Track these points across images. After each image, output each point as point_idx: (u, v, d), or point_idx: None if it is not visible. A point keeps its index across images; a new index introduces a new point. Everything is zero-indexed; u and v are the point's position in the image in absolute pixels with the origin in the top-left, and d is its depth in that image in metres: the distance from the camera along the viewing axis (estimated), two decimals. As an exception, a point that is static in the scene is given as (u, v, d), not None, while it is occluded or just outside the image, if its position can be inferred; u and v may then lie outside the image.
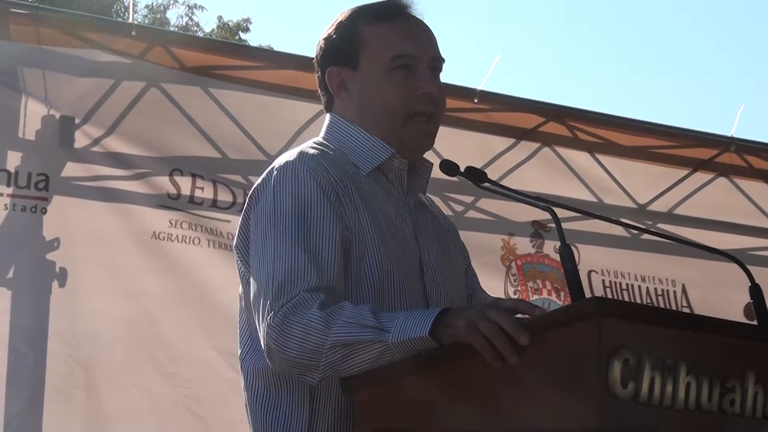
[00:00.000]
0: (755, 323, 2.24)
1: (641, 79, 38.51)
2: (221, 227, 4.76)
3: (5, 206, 4.40)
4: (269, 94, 4.91)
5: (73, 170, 4.56)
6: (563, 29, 38.16)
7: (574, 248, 5.01)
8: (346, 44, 2.32)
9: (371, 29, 2.31)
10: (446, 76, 2.37)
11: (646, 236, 5.68)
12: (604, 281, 5.66)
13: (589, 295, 3.25)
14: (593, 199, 5.66)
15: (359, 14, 2.34)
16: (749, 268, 2.30)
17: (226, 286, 4.29)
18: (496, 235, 5.48)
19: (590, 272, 5.59)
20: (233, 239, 2.31)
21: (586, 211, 2.69)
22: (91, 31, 4.60)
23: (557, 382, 1.81)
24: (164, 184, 4.70)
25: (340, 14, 2.37)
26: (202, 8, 21.39)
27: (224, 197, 4.80)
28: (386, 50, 2.29)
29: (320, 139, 2.34)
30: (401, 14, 2.34)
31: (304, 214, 2.14)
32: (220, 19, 21.29)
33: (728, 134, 5.73)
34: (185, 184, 4.74)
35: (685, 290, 5.84)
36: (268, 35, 38.80)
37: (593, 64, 37.77)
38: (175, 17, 21.48)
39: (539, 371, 1.84)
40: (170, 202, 4.70)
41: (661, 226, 5.74)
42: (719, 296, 5.61)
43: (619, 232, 5.58)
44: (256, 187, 2.25)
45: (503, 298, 4.73)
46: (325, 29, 2.38)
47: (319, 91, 2.40)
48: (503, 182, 3.02)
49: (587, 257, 5.48)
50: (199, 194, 4.75)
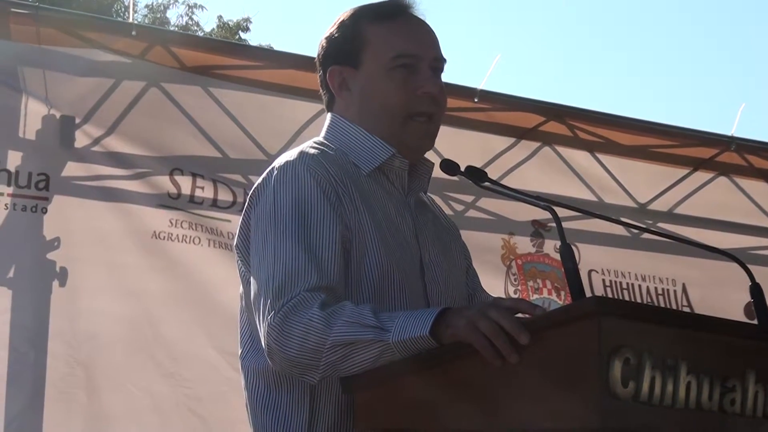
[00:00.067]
0: (755, 322, 2.24)
1: (641, 78, 38.54)
2: (221, 227, 4.75)
3: (6, 206, 4.40)
4: (269, 93, 4.91)
5: (73, 170, 4.56)
6: (563, 29, 38.19)
7: (574, 247, 4.98)
8: (347, 43, 2.32)
9: (373, 28, 2.31)
10: (446, 75, 2.37)
11: (646, 235, 5.68)
12: (604, 280, 5.66)
13: (589, 294, 3.26)
14: (593, 198, 5.65)
15: (361, 14, 2.34)
16: (750, 267, 2.30)
17: (226, 285, 4.28)
18: (496, 234, 5.48)
19: (590, 271, 5.59)
20: (233, 239, 2.31)
21: (586, 210, 2.69)
22: (91, 30, 4.60)
23: (557, 381, 1.81)
24: (164, 183, 4.70)
25: (342, 14, 2.37)
26: (202, 8, 21.44)
27: (224, 197, 4.79)
28: (388, 49, 2.29)
29: (321, 138, 2.34)
30: (403, 14, 2.34)
31: (304, 213, 2.14)
32: (220, 18, 21.33)
33: (728, 133, 5.73)
34: (185, 183, 4.74)
35: (685, 289, 5.84)
36: (268, 35, 38.81)
37: (593, 63, 37.80)
38: (175, 17, 21.53)
39: (539, 371, 1.84)
40: (170, 201, 4.70)
41: (661, 225, 5.73)
42: (720, 295, 5.61)
43: (619, 231, 5.58)
44: (256, 186, 2.25)
45: (504, 297, 4.73)
46: (325, 29, 2.38)
47: (320, 90, 2.40)
48: (503, 181, 3.01)
49: (587, 256, 5.48)
50: (199, 194, 4.75)
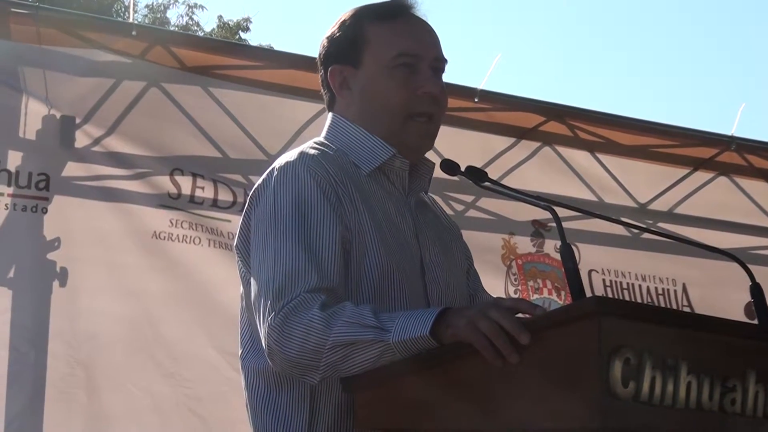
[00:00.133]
0: (756, 322, 2.24)
1: (641, 78, 38.55)
2: (222, 227, 4.75)
3: (6, 206, 4.40)
4: (269, 93, 4.91)
5: (73, 170, 4.56)
6: (563, 29, 38.20)
7: (574, 247, 4.99)
8: (348, 42, 2.32)
9: (374, 28, 2.32)
10: (447, 75, 2.37)
11: (646, 235, 5.68)
12: (604, 280, 5.66)
13: (589, 294, 3.26)
14: (594, 198, 5.65)
15: (362, 13, 2.35)
16: (750, 267, 2.30)
17: (226, 285, 4.28)
18: (496, 234, 5.48)
19: (591, 271, 5.59)
20: (234, 239, 2.30)
21: (586, 210, 2.69)
22: (91, 30, 4.59)
23: (558, 381, 1.81)
24: (165, 183, 4.70)
25: (343, 13, 2.37)
26: (202, 8, 21.46)
27: (225, 197, 4.79)
28: (388, 49, 2.29)
29: (321, 138, 2.34)
30: (405, 14, 2.34)
31: (304, 214, 2.14)
32: (220, 18, 21.35)
33: (729, 133, 5.73)
34: (186, 183, 4.73)
35: (685, 289, 5.84)
36: (268, 35, 38.81)
37: (593, 63, 37.81)
38: (175, 17, 21.55)
39: (540, 371, 1.84)
40: (171, 201, 4.69)
41: (661, 225, 5.73)
42: (720, 295, 5.61)
43: (619, 231, 5.58)
44: (256, 187, 2.25)
45: (504, 297, 4.73)
46: (325, 29, 2.38)
47: (321, 89, 2.40)
48: (504, 181, 3.01)
49: (588, 256, 5.48)
50: (199, 194, 4.75)
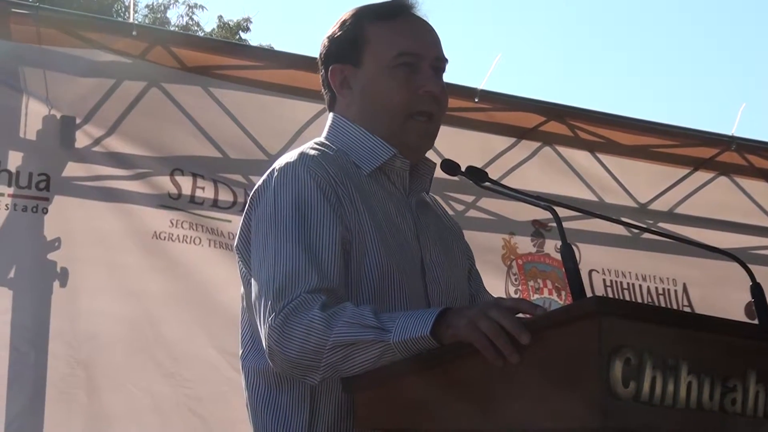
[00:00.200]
0: (756, 322, 2.24)
1: (642, 78, 38.54)
2: (222, 227, 4.75)
3: (6, 206, 4.40)
4: (270, 93, 4.91)
5: (74, 170, 4.55)
6: (564, 29, 38.20)
7: (574, 247, 4.99)
8: (349, 42, 2.32)
9: (375, 27, 2.32)
10: (447, 75, 2.37)
11: (646, 235, 5.68)
12: (605, 280, 5.66)
13: (590, 294, 3.26)
14: (594, 198, 5.65)
15: (363, 13, 2.35)
16: (750, 267, 2.30)
17: (226, 285, 4.28)
18: (496, 234, 5.47)
19: (591, 271, 5.59)
20: (234, 239, 2.30)
21: (587, 210, 2.69)
22: (91, 30, 4.59)
23: (558, 381, 1.81)
24: (165, 183, 4.70)
25: (344, 13, 2.37)
26: (202, 8, 21.46)
27: (225, 197, 4.79)
28: (389, 48, 2.29)
29: (322, 139, 2.34)
30: (405, 13, 2.34)
31: (304, 215, 2.14)
32: (220, 18, 21.36)
33: (729, 133, 5.73)
34: (186, 183, 4.73)
35: (686, 289, 5.84)
36: (268, 35, 38.81)
37: (594, 63, 37.81)
38: (175, 17, 21.56)
39: (540, 371, 1.84)
40: (171, 201, 4.69)
41: (661, 225, 5.73)
42: (720, 295, 5.61)
43: (619, 231, 5.58)
44: (257, 188, 2.25)
45: (504, 297, 4.73)
46: (326, 29, 2.39)
47: (322, 89, 2.40)
48: (504, 181, 3.01)
49: (588, 256, 5.48)
50: (199, 194, 4.75)
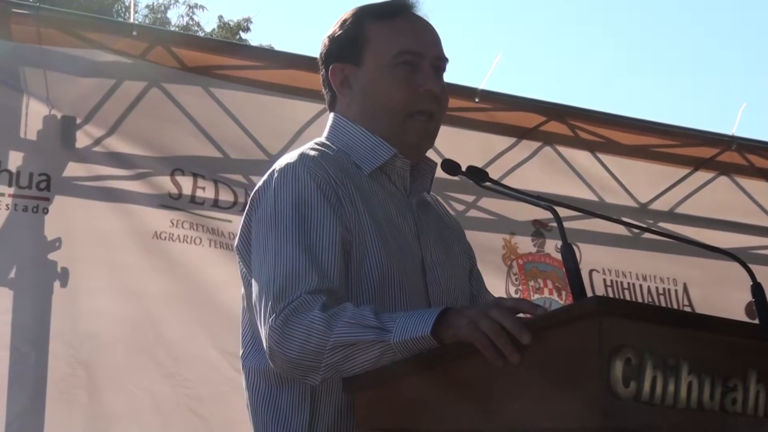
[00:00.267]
0: (757, 322, 2.24)
1: (642, 78, 38.54)
2: (222, 227, 4.75)
3: (7, 206, 4.40)
4: (270, 93, 4.91)
5: (74, 170, 4.55)
6: (564, 28, 38.20)
7: (575, 247, 5.01)
8: (349, 41, 2.32)
9: (375, 26, 2.32)
10: (447, 75, 2.36)
11: (647, 235, 5.68)
12: (605, 280, 5.66)
13: (590, 294, 3.25)
14: (594, 198, 5.65)
15: (364, 12, 2.35)
16: (751, 266, 2.30)
17: (227, 285, 4.28)
18: (497, 234, 5.47)
19: (591, 271, 5.59)
20: (234, 239, 2.30)
21: (587, 210, 2.69)
22: (92, 31, 4.60)
23: (558, 381, 1.81)
24: (165, 183, 4.70)
25: (344, 13, 2.38)
26: (202, 8, 21.45)
27: (225, 197, 4.79)
28: (390, 47, 2.29)
29: (322, 139, 2.35)
30: (406, 12, 2.34)
31: (304, 216, 2.14)
32: (220, 18, 21.35)
33: (729, 133, 5.73)
34: (186, 183, 4.73)
35: (686, 289, 5.84)
36: (268, 35, 38.78)
37: (594, 63, 37.82)
38: (175, 17, 21.55)
39: (540, 370, 1.83)
40: (171, 201, 4.69)
41: (662, 225, 5.73)
42: (721, 295, 5.60)
43: (620, 231, 5.58)
44: (257, 189, 2.25)
45: (505, 297, 4.73)
46: (326, 29, 2.39)
47: (323, 89, 2.40)
48: (504, 181, 3.01)
49: (588, 256, 5.48)
50: (200, 194, 4.75)
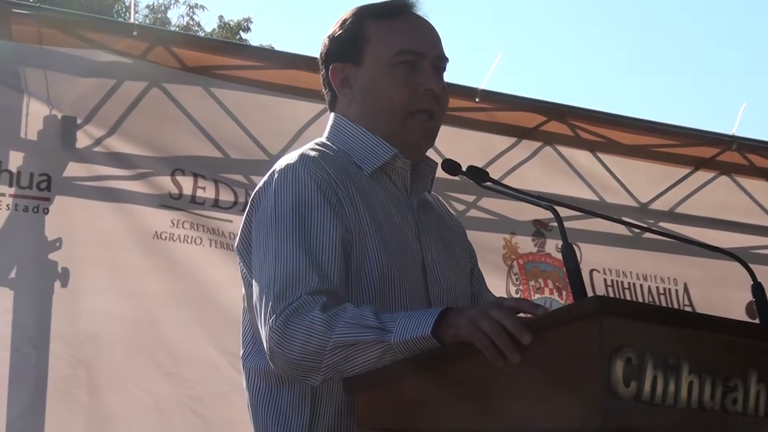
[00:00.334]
0: (757, 322, 2.24)
1: (642, 78, 38.53)
2: (223, 227, 4.75)
3: (7, 206, 4.40)
4: (270, 93, 4.91)
5: (75, 170, 4.56)
6: (564, 29, 38.20)
7: (575, 247, 5.00)
8: (350, 41, 2.32)
9: (375, 26, 2.32)
10: (447, 75, 2.37)
11: (647, 235, 5.68)
12: (605, 280, 5.66)
13: (591, 294, 3.25)
14: (595, 197, 5.65)
15: (364, 12, 2.35)
16: (751, 266, 2.30)
17: (227, 285, 4.28)
18: (497, 234, 5.47)
19: (592, 271, 5.59)
20: (235, 239, 2.31)
21: (587, 210, 2.69)
22: (92, 31, 4.60)
23: (559, 381, 1.81)
24: (166, 183, 4.70)
25: (345, 12, 2.38)
26: (203, 8, 21.44)
27: (226, 197, 4.79)
28: (390, 46, 2.29)
29: (323, 139, 2.35)
30: (406, 12, 2.34)
31: (304, 216, 2.14)
32: (221, 18, 21.34)
33: (730, 133, 5.73)
34: (187, 183, 4.73)
35: (687, 289, 5.84)
36: (269, 35, 38.76)
37: (594, 63, 37.82)
38: (176, 17, 21.53)
39: (541, 370, 1.83)
40: (172, 201, 4.69)
41: (662, 224, 5.73)
42: (721, 295, 5.60)
43: (620, 230, 5.58)
44: (257, 190, 2.25)
45: (505, 297, 4.73)
46: (326, 29, 2.39)
47: (323, 89, 2.40)
48: (505, 181, 3.01)
49: (589, 256, 5.48)
50: (200, 194, 4.75)
